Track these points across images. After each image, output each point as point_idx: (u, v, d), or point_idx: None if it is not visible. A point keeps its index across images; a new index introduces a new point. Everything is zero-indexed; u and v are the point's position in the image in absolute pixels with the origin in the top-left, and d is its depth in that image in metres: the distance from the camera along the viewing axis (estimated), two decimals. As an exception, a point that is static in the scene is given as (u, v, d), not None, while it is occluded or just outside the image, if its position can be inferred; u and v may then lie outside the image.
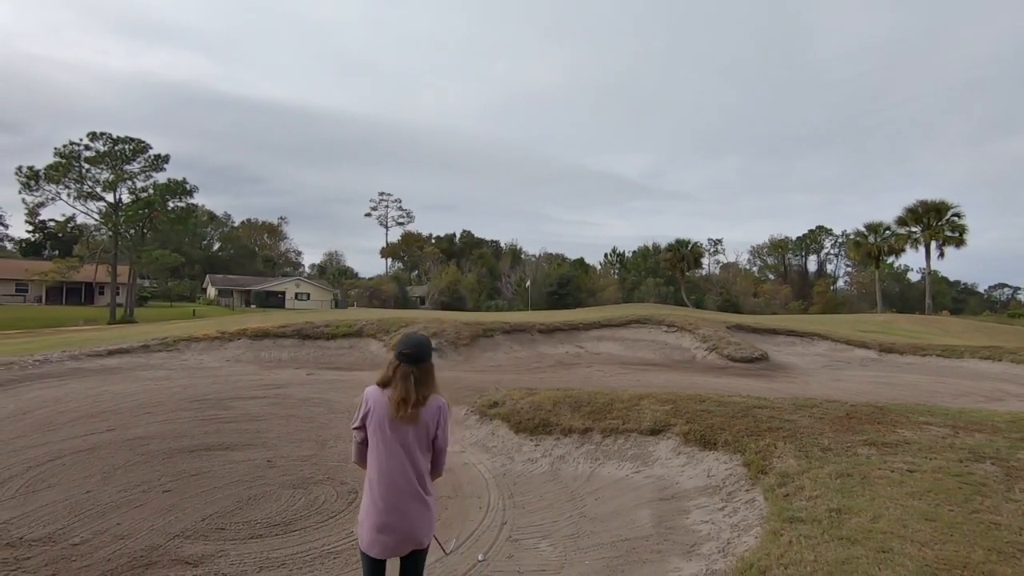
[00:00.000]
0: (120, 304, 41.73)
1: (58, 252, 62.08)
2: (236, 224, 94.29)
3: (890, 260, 54.07)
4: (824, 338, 19.19)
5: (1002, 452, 4.62)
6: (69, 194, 38.46)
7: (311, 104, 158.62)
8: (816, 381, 13.20)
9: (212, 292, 69.15)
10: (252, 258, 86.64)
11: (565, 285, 63.08)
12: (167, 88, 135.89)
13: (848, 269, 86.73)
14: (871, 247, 49.03)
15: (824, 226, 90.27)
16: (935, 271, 54.92)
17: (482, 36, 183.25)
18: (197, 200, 44.23)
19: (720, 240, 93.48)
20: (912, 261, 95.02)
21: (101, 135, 38.48)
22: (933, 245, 44.65)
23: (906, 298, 75.43)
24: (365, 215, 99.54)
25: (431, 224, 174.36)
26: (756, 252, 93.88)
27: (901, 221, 46.31)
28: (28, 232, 71.87)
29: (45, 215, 56.01)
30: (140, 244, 42.71)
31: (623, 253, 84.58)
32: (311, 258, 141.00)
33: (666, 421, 5.99)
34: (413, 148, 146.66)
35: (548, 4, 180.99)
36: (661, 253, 64.48)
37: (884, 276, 62.67)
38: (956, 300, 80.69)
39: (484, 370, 13.59)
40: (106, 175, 38.94)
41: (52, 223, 62.11)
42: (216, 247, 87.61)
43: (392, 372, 2.50)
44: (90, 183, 38.75)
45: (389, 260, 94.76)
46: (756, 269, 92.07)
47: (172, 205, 41.15)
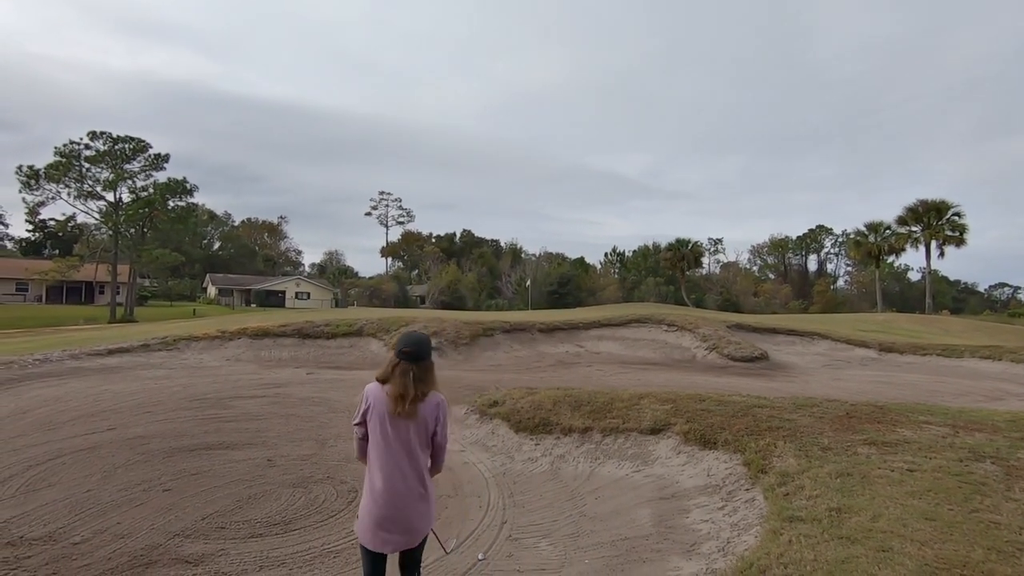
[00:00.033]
0: (120, 303, 41.76)
1: (58, 251, 62.10)
2: (236, 223, 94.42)
3: (890, 259, 54.02)
4: (824, 337, 19.19)
5: (1002, 451, 4.62)
6: (69, 193, 38.56)
7: (311, 104, 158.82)
8: (816, 380, 13.20)
9: (212, 291, 69.23)
10: (252, 257, 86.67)
11: (565, 284, 63.07)
12: (167, 87, 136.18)
13: (848, 268, 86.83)
14: (871, 246, 48.99)
15: (824, 225, 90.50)
16: (935, 270, 54.94)
17: (482, 36, 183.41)
18: (197, 199, 44.44)
19: (720, 239, 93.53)
20: (912, 260, 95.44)
21: (101, 134, 38.51)
22: (933, 244, 44.63)
23: (906, 297, 75.44)
24: (365, 214, 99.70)
25: (431, 223, 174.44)
26: (756, 251, 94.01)
27: (901, 220, 46.28)
28: (28, 231, 72.06)
29: (45, 214, 56.18)
30: (140, 243, 42.74)
31: (623, 252, 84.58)
32: (311, 257, 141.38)
33: (666, 420, 5.99)
34: (413, 147, 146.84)
35: (548, 4, 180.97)
36: (661, 252, 64.43)
37: (884, 275, 62.65)
38: (956, 299, 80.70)
39: (484, 369, 13.59)
40: (106, 174, 38.97)
41: (52, 222, 62.23)
42: (216, 246, 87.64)
43: (392, 369, 2.53)
44: (90, 182, 38.81)
45: (389, 259, 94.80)
46: (756, 268, 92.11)
47: (172, 204, 41.19)
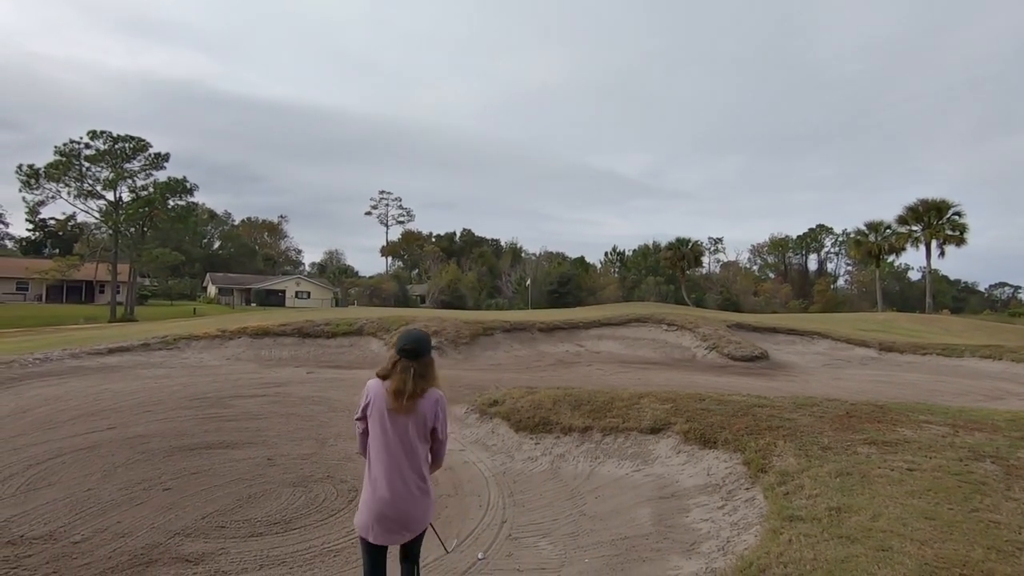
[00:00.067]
0: (120, 302, 41.76)
1: (58, 250, 62.03)
2: (236, 223, 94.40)
3: (890, 259, 53.89)
4: (824, 337, 19.19)
5: (1002, 451, 4.62)
6: (69, 192, 38.52)
7: (311, 104, 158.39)
8: (816, 380, 13.20)
9: (212, 290, 69.25)
10: (252, 257, 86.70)
11: (565, 284, 63.02)
12: (167, 86, 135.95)
13: (848, 268, 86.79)
14: (871, 246, 48.92)
15: (824, 225, 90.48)
16: (935, 270, 54.88)
17: (482, 36, 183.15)
18: (197, 198, 44.42)
19: (720, 239, 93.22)
20: (912, 260, 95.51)
21: (101, 133, 38.46)
22: (934, 244, 44.57)
23: (906, 297, 75.43)
24: (365, 214, 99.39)
25: (431, 223, 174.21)
26: (756, 251, 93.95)
27: (901, 220, 46.20)
28: (28, 230, 72.07)
29: (45, 213, 56.18)
30: (140, 242, 42.74)
31: (623, 252, 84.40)
32: (311, 257, 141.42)
33: (666, 420, 5.99)
34: (413, 147, 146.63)
35: (548, 4, 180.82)
36: (661, 252, 64.34)
37: (884, 275, 62.62)
38: (956, 299, 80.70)
39: (484, 368, 13.60)
40: (106, 173, 38.94)
41: (52, 221, 62.33)
42: (216, 246, 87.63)
43: (392, 366, 2.57)
44: (90, 181, 38.77)
45: (389, 259, 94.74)
46: (756, 268, 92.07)
47: (172, 203, 41.16)
